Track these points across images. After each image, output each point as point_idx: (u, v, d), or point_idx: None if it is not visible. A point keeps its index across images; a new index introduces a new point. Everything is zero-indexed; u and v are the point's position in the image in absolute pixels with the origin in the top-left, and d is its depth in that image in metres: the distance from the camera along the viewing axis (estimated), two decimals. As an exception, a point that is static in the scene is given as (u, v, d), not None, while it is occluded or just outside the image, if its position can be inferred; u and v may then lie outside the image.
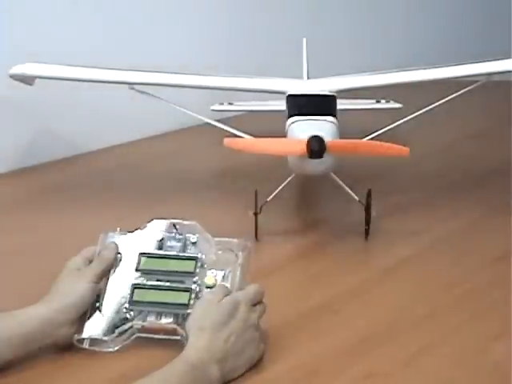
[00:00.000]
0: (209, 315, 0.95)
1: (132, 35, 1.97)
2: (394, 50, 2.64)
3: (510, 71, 1.46)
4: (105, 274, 1.04)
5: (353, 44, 2.59)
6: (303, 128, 1.31)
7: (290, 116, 1.37)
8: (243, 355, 0.95)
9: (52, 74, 1.54)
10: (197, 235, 1.06)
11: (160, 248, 1.06)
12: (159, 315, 1.01)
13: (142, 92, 1.51)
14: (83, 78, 1.53)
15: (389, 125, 1.48)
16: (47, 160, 1.85)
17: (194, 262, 1.04)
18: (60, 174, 1.78)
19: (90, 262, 1.04)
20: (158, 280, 1.04)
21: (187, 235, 1.06)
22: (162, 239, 1.07)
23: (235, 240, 1.05)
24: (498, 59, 1.47)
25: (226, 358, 0.93)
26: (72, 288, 1.00)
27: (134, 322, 1.01)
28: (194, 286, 1.02)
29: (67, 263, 1.04)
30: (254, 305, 0.98)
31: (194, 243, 1.06)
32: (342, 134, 1.33)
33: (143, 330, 1.01)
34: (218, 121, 1.57)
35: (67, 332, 0.99)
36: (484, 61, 1.47)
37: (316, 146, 1.23)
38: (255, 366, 0.97)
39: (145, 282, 1.04)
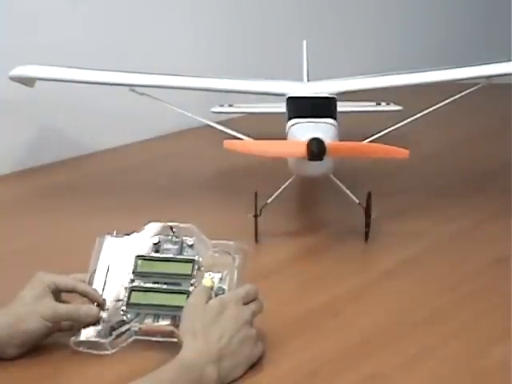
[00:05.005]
0: (198, 319, 0.94)
1: (133, 37, 1.98)
2: (394, 53, 2.64)
3: (510, 74, 1.46)
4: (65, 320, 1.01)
5: (353, 46, 2.59)
6: (303, 130, 1.30)
7: (290, 118, 1.37)
8: (240, 353, 0.94)
9: (52, 75, 1.55)
10: (193, 238, 1.06)
11: (157, 251, 1.06)
12: (156, 317, 1.01)
13: (143, 94, 1.51)
14: (84, 80, 1.53)
15: (389, 127, 1.48)
16: (48, 162, 1.84)
17: (191, 264, 1.03)
18: (60, 176, 1.78)
19: (59, 290, 1.01)
20: (154, 282, 1.03)
21: (184, 238, 1.06)
22: (159, 242, 1.06)
23: (232, 243, 1.05)
24: (499, 62, 1.47)
25: (223, 357, 0.92)
26: (27, 317, 0.97)
27: (132, 325, 1.00)
28: (191, 289, 1.02)
29: (36, 283, 1.00)
30: (248, 303, 0.98)
31: (190, 246, 1.06)
32: (342, 136, 1.33)
33: (140, 332, 1.00)
34: (218, 123, 1.57)
35: (13, 352, 0.97)
36: (484, 63, 1.47)
37: (316, 148, 1.23)
38: (255, 367, 0.96)
39: (142, 284, 1.03)
